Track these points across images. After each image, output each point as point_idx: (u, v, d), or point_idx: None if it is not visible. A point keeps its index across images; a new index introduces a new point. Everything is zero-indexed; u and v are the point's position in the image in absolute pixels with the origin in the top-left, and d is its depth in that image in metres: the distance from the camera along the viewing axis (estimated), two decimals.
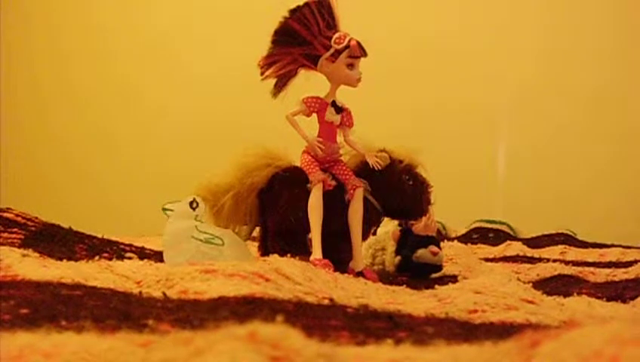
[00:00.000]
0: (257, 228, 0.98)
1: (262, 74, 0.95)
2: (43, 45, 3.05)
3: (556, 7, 2.63)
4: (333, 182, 0.93)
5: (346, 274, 0.82)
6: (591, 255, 1.59)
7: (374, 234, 1.09)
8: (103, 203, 2.88)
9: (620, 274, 1.19)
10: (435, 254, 1.05)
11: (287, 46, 0.93)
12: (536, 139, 2.59)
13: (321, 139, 0.93)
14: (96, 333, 0.36)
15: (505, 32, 2.64)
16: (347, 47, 0.91)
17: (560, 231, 2.06)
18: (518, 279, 0.82)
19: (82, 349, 0.31)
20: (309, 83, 0.95)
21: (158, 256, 0.94)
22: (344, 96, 0.95)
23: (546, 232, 2.06)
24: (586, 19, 2.60)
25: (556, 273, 1.17)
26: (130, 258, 0.95)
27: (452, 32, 2.66)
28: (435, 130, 2.54)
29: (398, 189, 0.95)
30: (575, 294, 0.85)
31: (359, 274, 0.89)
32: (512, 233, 2.12)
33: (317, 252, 0.88)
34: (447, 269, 1.09)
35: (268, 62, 0.94)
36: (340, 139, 0.95)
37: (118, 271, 0.71)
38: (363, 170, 0.94)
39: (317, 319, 0.48)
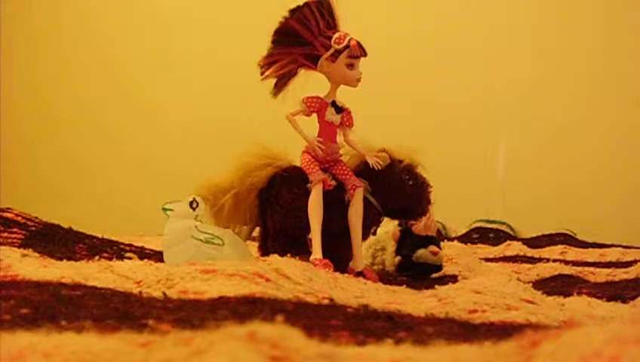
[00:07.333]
0: (257, 228, 0.98)
1: (262, 74, 0.95)
2: (42, 44, 3.05)
3: (556, 6, 2.63)
4: (333, 182, 0.92)
5: (346, 274, 0.82)
6: (591, 255, 1.59)
7: (374, 234, 1.09)
8: (103, 203, 2.88)
9: (620, 274, 1.19)
10: (435, 254, 1.05)
11: (287, 46, 0.93)
12: (536, 139, 2.59)
13: (321, 139, 0.93)
14: (96, 333, 0.36)
15: (504, 32, 2.64)
16: (347, 47, 0.91)
17: (560, 231, 2.07)
18: (518, 279, 0.82)
19: (82, 349, 0.31)
20: (309, 83, 0.95)
21: (158, 256, 0.94)
22: (344, 96, 0.95)
23: (546, 232, 2.06)
24: (586, 19, 2.60)
25: (556, 273, 1.17)
26: (130, 258, 0.95)
27: (452, 31, 2.66)
28: (434, 130, 2.54)
29: (398, 189, 0.95)
30: (575, 294, 0.85)
31: (359, 274, 0.89)
32: (512, 233, 2.13)
33: (317, 252, 0.88)
34: (447, 269, 1.08)
35: (268, 62, 0.94)
36: (340, 139, 0.95)
37: (118, 271, 0.71)
38: (363, 170, 0.94)
39: (317, 319, 0.48)
